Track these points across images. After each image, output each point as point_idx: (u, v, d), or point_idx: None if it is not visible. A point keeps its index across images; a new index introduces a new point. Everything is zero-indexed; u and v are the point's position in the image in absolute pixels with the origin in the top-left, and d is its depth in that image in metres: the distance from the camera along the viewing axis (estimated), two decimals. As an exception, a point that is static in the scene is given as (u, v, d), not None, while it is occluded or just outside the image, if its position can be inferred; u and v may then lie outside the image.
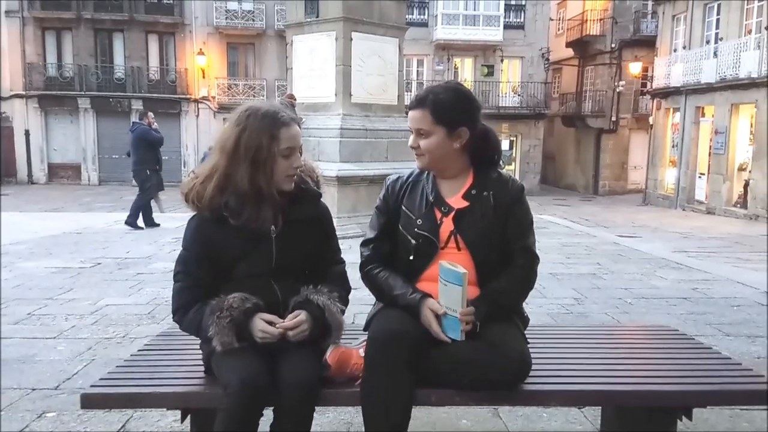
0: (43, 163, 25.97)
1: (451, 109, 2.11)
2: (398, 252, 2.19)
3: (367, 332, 2.09)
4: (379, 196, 2.29)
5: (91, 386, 2.09)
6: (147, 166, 9.70)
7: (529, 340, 2.15)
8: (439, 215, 2.15)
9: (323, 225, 2.20)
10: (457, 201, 2.15)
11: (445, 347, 1.99)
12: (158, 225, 9.73)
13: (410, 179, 2.25)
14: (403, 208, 2.20)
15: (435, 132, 2.11)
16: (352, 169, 8.56)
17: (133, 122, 10.15)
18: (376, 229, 2.25)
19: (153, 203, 14.08)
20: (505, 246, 2.14)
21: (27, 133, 25.42)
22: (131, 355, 2.38)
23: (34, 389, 3.11)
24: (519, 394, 2.03)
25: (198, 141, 26.02)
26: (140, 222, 9.68)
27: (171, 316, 4.20)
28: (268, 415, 1.91)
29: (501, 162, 2.28)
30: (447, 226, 2.13)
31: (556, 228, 10.04)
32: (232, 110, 2.10)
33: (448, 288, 1.96)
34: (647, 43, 23.63)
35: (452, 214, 2.13)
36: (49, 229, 9.08)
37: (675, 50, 20.99)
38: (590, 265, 6.70)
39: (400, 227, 2.18)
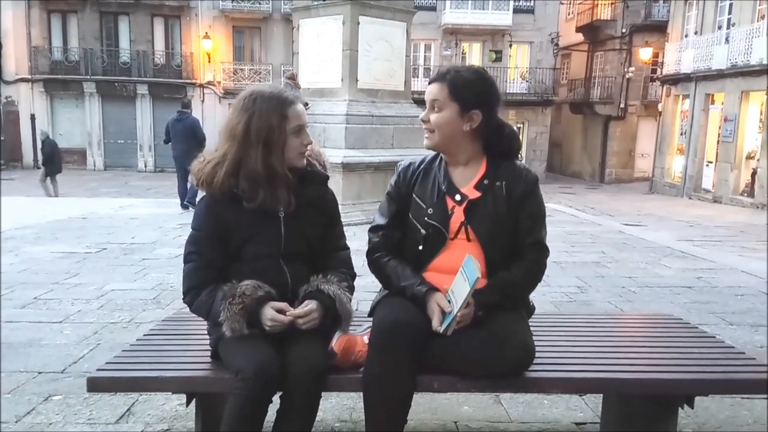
0: (49, 147, 26.00)
1: (469, 87, 2.09)
2: (407, 241, 2.18)
3: (371, 318, 2.11)
4: (390, 182, 2.26)
5: (98, 370, 2.12)
6: (196, 153, 9.86)
7: (532, 327, 2.15)
8: (450, 205, 2.12)
9: (329, 208, 2.21)
10: (469, 191, 2.13)
11: (449, 337, 1.99)
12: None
13: (422, 166, 2.23)
14: (414, 196, 2.17)
15: (448, 107, 2.09)
16: (358, 156, 8.54)
17: (180, 111, 10.30)
18: (386, 216, 2.22)
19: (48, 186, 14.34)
20: (515, 238, 2.12)
21: (32, 118, 25.42)
22: (137, 340, 2.41)
23: (40, 372, 3.15)
24: (521, 381, 2.04)
25: (203, 127, 25.95)
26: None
27: (176, 301, 4.26)
28: (274, 400, 1.92)
29: (520, 155, 2.27)
30: (458, 216, 2.11)
31: (561, 216, 10.02)
32: (238, 96, 2.11)
33: (462, 282, 1.95)
34: (658, 29, 23.34)
35: (464, 204, 2.11)
36: (54, 214, 9.11)
37: (686, 36, 20.75)
38: (594, 254, 6.69)
39: (410, 216, 2.16)
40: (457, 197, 2.12)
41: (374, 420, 1.96)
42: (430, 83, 2.15)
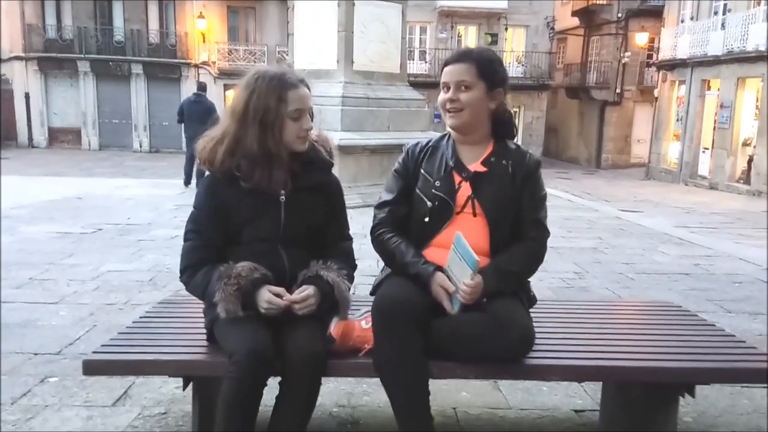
0: (44, 126, 25.79)
1: (494, 66, 2.12)
2: (413, 215, 2.18)
3: (373, 297, 2.09)
4: (398, 160, 2.28)
5: (93, 352, 2.11)
6: None
7: (530, 313, 2.14)
8: (457, 179, 2.14)
9: (333, 196, 2.19)
10: (476, 167, 2.15)
11: (449, 320, 1.99)
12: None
13: (430, 144, 2.25)
14: (422, 171, 2.19)
15: (477, 86, 2.10)
16: (354, 139, 8.48)
17: (197, 93, 10.74)
18: (393, 191, 2.22)
19: None
20: (517, 219, 2.13)
21: (27, 96, 25.19)
22: (133, 322, 2.38)
23: (36, 354, 3.13)
24: (520, 368, 2.03)
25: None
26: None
27: (172, 283, 4.23)
28: (272, 386, 1.91)
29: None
30: (465, 190, 2.12)
31: (557, 201, 9.99)
32: (233, 76, 2.09)
33: (461, 264, 1.95)
34: (654, 13, 23.25)
35: (471, 177, 2.12)
36: (50, 194, 9.06)
37: (682, 21, 20.67)
38: (591, 240, 6.69)
39: (417, 190, 2.17)
40: (464, 173, 2.14)
41: (398, 399, 1.96)
42: (450, 64, 2.13)
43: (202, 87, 11.08)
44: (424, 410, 1.97)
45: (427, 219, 2.14)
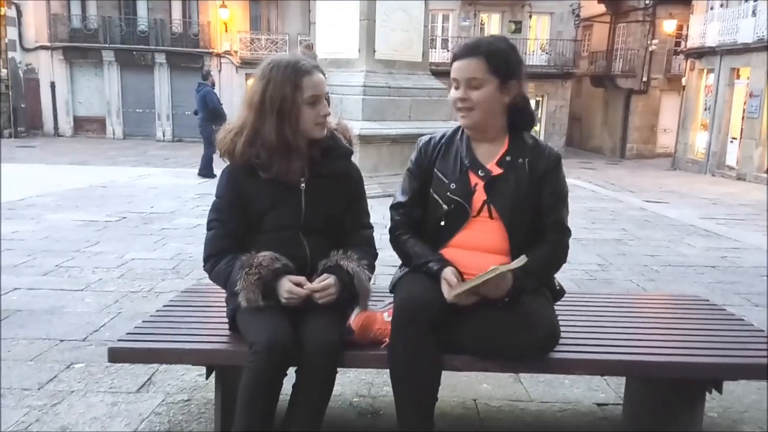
0: (69, 115, 26.12)
1: (506, 58, 2.00)
2: (427, 216, 2.13)
3: (392, 294, 2.08)
4: (411, 158, 2.20)
5: (119, 340, 2.14)
6: (213, 122, 10.34)
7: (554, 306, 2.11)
8: (474, 181, 2.06)
9: (353, 184, 2.18)
10: (491, 167, 2.06)
11: (471, 315, 1.96)
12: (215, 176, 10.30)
13: (443, 140, 2.15)
14: (436, 171, 2.11)
15: (488, 82, 1.98)
16: (375, 128, 8.46)
17: (198, 83, 11.17)
18: (407, 193, 2.16)
19: None
20: (538, 217, 2.05)
21: (52, 86, 25.54)
22: (157, 311, 2.41)
23: (62, 340, 3.18)
24: (544, 362, 2.01)
25: (220, 97, 25.84)
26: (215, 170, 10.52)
27: (195, 271, 4.26)
28: (290, 373, 1.91)
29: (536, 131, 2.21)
30: (480, 194, 2.04)
31: (581, 192, 9.89)
32: (255, 65, 2.09)
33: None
34: (683, 0, 22.76)
35: (486, 181, 2.04)
36: (75, 182, 9.20)
37: (712, 8, 20.19)
38: (615, 231, 6.60)
39: (432, 191, 2.10)
40: (480, 173, 2.05)
41: (403, 400, 1.93)
42: (459, 59, 2.01)
43: (203, 76, 11.47)
44: (428, 414, 1.94)
45: (443, 223, 2.07)
